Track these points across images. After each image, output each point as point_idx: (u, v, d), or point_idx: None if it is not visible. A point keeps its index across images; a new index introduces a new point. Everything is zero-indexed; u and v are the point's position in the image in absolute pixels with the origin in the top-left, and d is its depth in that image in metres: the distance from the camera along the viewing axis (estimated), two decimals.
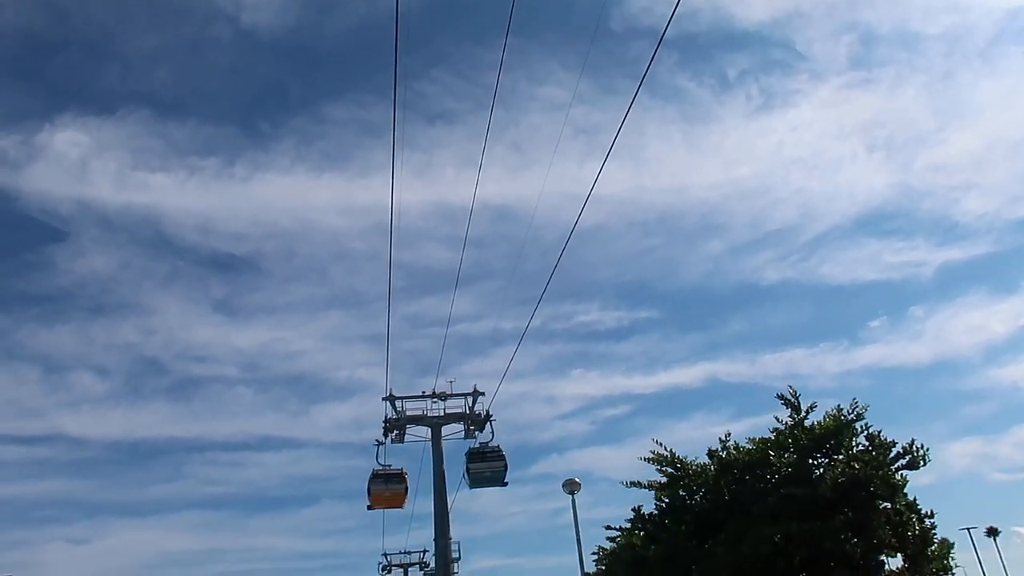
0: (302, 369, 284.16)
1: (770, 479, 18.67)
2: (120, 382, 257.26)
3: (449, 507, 62.65)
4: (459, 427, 68.34)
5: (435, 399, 67.34)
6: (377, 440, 42.50)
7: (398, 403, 65.56)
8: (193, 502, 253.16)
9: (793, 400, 19.93)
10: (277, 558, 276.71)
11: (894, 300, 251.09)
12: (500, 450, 54.11)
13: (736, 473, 19.39)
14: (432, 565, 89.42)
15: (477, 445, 48.62)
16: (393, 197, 15.28)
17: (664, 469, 20.09)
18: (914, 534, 18.94)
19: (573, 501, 27.49)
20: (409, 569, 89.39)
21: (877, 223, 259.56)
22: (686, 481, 19.66)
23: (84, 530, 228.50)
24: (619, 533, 24.64)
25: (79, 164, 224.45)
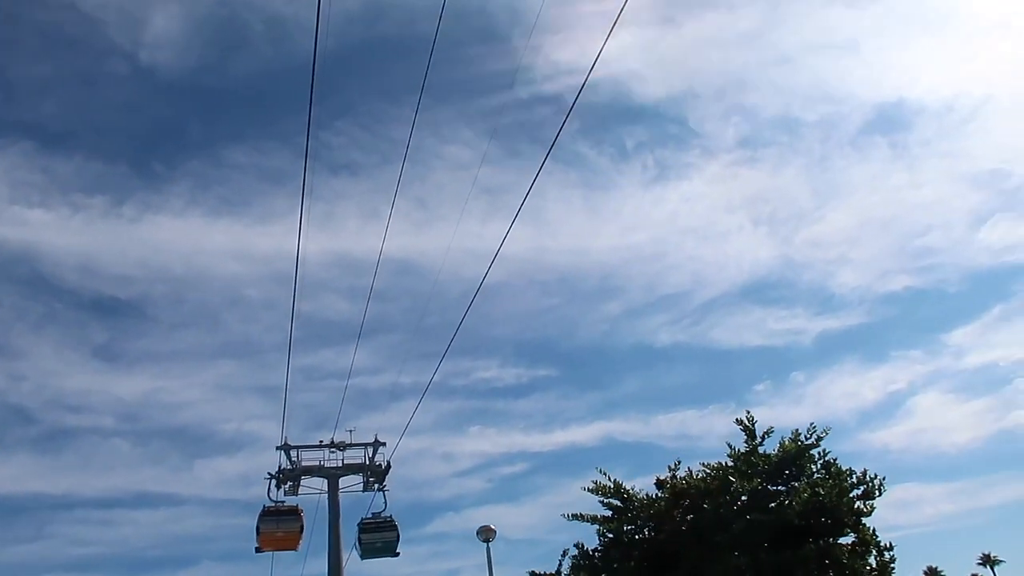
0: (187, 420, 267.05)
1: (732, 506, 16.33)
2: None
3: (343, 564, 57.66)
4: (357, 479, 63.63)
5: (333, 449, 62.33)
6: (269, 473, 36.78)
7: (293, 452, 60.33)
8: (56, 564, 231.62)
9: (749, 426, 17.76)
10: None
11: (777, 365, 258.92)
12: (392, 520, 52.19)
13: (688, 502, 16.99)
14: None
15: (369, 515, 46.49)
16: (300, 241, 14.96)
17: (608, 501, 17.50)
18: (871, 568, 16.86)
19: (488, 549, 24.43)
20: None
21: (762, 291, 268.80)
22: (632, 513, 17.14)
23: None
24: None
25: None
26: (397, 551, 50.71)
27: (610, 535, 17.06)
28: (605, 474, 17.62)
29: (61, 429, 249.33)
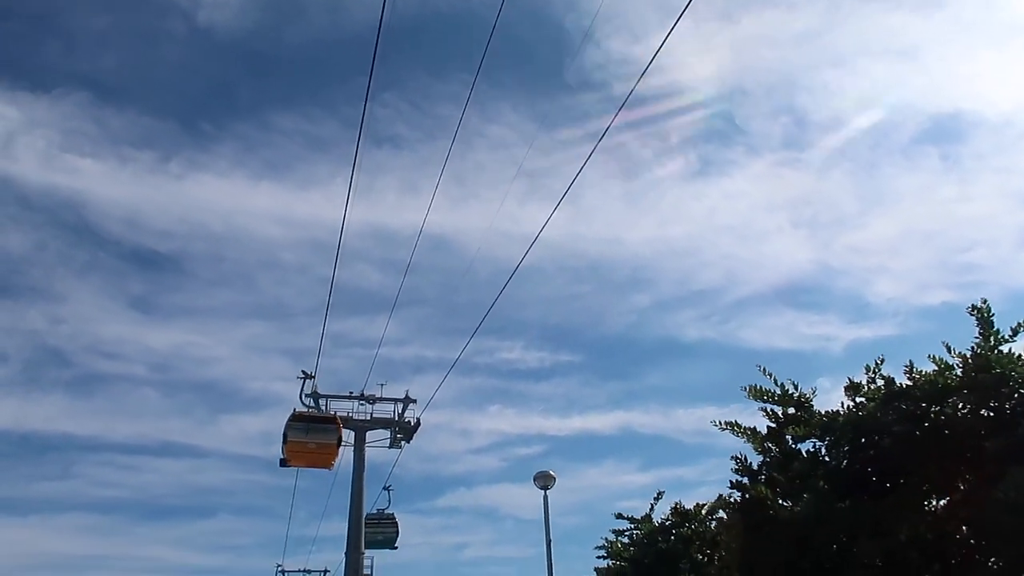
0: (215, 376, 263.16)
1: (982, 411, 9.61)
2: (17, 369, 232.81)
3: (363, 518, 50.91)
4: (385, 434, 56.83)
5: (362, 401, 55.80)
6: (303, 371, 26.61)
7: (322, 401, 53.90)
8: (80, 504, 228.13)
9: (985, 315, 10.89)
10: (165, 569, 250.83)
11: (804, 369, 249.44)
12: (393, 517, 50.56)
13: (910, 405, 10.24)
14: None
15: (374, 511, 45.58)
16: (350, 194, 13.75)
17: (770, 409, 10.85)
18: None
19: (545, 496, 17.54)
20: None
21: (795, 295, 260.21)
22: (811, 425, 10.54)
23: None
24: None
25: (5, 137, 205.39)
26: (396, 545, 49.73)
27: (774, 449, 10.48)
28: (771, 375, 10.77)
29: (94, 374, 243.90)
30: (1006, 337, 9.96)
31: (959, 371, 10.20)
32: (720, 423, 9.77)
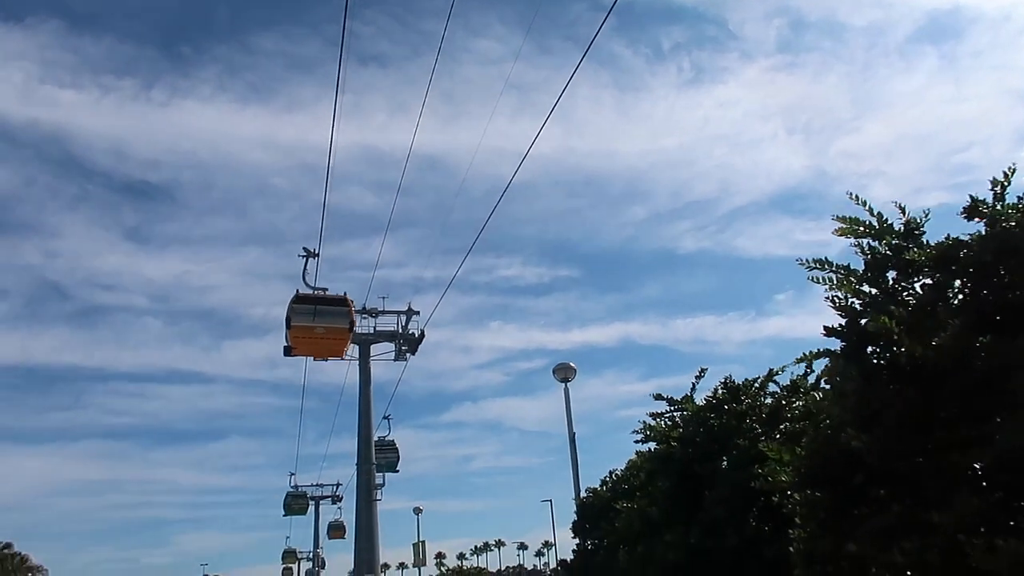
0: (215, 303, 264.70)
1: None
2: (19, 304, 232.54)
3: (373, 434, 49.51)
4: (389, 347, 54.84)
5: (365, 315, 53.73)
6: (305, 249, 21.86)
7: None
8: (93, 431, 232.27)
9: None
10: (181, 491, 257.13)
11: (800, 276, 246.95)
12: (394, 443, 49.81)
13: None
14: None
15: (376, 438, 43.33)
16: (336, 116, 12.69)
17: (866, 244, 8.29)
18: None
19: (566, 390, 15.07)
20: (321, 502, 76.70)
21: (791, 202, 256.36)
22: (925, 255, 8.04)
23: None
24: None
25: None
26: (397, 469, 48.99)
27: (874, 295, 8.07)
28: (864, 203, 7.97)
29: (95, 306, 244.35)
30: None
31: None
32: (807, 262, 6.95)
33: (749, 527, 8.37)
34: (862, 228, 7.39)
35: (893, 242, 7.30)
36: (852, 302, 6.87)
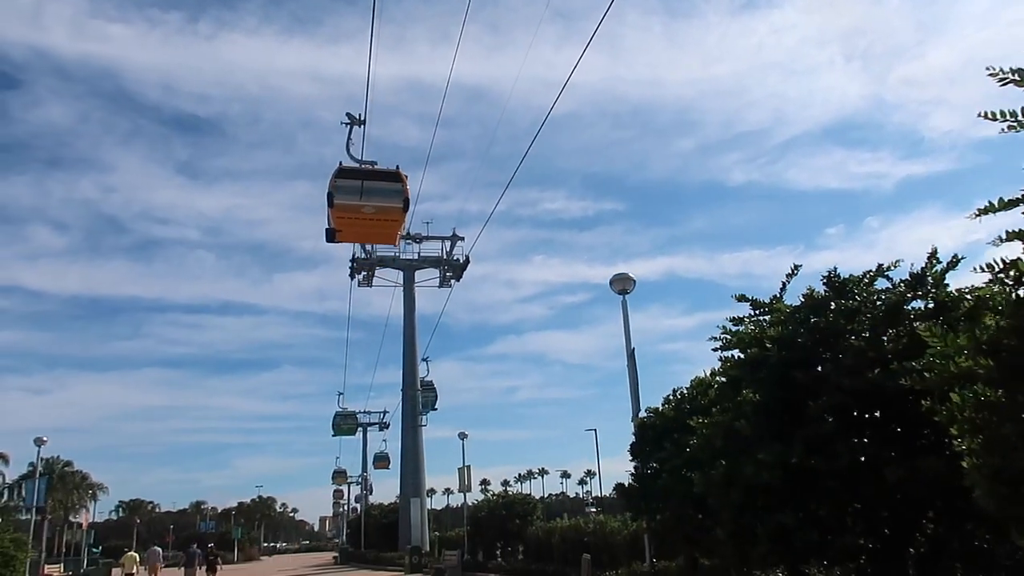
0: (265, 237, 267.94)
1: None
2: (79, 238, 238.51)
3: (418, 358, 48.59)
4: (434, 273, 53.54)
5: (409, 241, 52.18)
6: (349, 116, 18.30)
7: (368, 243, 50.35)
8: (153, 360, 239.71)
9: None
10: (235, 418, 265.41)
11: (853, 209, 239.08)
12: (432, 383, 50.62)
13: None
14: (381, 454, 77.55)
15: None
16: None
17: None
18: None
19: (624, 302, 13.05)
20: (368, 429, 77.53)
21: (845, 132, 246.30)
22: None
23: (43, 381, 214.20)
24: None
25: (32, 7, 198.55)
26: (435, 407, 51.42)
27: None
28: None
29: (151, 239, 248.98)
30: None
31: None
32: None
33: (870, 443, 6.63)
34: None
35: None
36: None
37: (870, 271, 8.55)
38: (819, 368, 7.58)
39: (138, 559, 40.82)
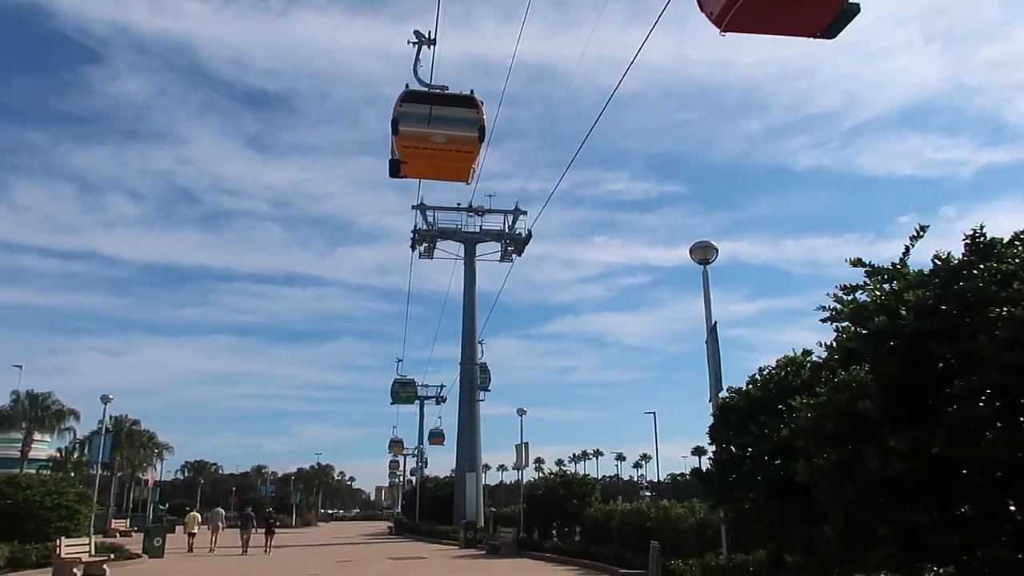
0: (330, 211, 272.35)
1: None
2: (153, 207, 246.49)
3: (477, 332, 47.81)
4: (495, 247, 52.64)
5: (471, 213, 51.30)
6: (417, 34, 16.29)
7: (430, 213, 49.79)
8: (221, 327, 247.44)
9: None
10: (297, 386, 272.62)
11: (927, 197, 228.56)
12: (486, 366, 51.10)
13: None
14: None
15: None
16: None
17: None
18: None
19: (705, 273, 11.72)
20: (425, 402, 77.67)
21: (922, 117, 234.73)
22: None
23: (118, 344, 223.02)
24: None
25: None
26: (489, 388, 52.04)
27: None
28: None
29: (221, 211, 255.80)
30: None
31: None
32: None
33: None
34: None
35: None
36: None
37: (1021, 232, 7.18)
38: (966, 341, 6.30)
39: (199, 519, 41.65)
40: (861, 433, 6.82)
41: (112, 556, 24.50)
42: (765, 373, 12.13)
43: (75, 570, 20.97)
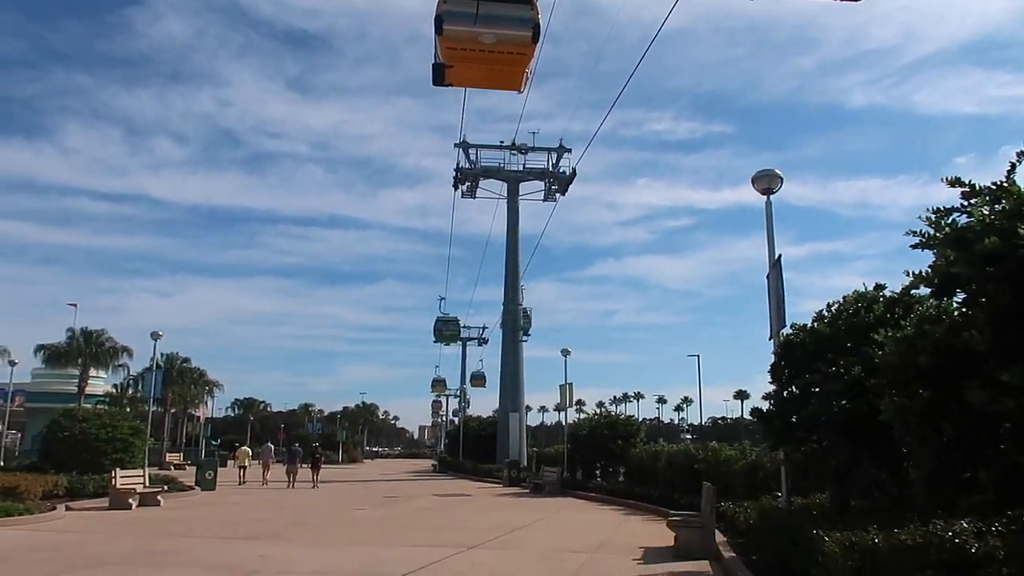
0: (371, 153, 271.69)
1: None
2: (197, 150, 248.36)
3: (521, 272, 47.38)
4: (538, 186, 51.61)
5: (514, 151, 50.12)
6: None
7: (472, 152, 48.86)
8: (266, 269, 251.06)
9: None
10: (341, 327, 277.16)
11: (987, 137, 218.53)
12: (528, 311, 49.99)
13: None
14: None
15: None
16: None
17: None
18: None
19: (768, 203, 10.76)
20: (467, 343, 78.03)
21: (986, 52, 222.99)
22: None
23: (168, 284, 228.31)
24: None
25: None
26: (529, 333, 51.20)
27: None
28: None
29: (263, 153, 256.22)
30: None
31: None
32: None
33: None
34: None
35: None
36: None
37: None
38: None
39: (250, 454, 42.74)
40: (960, 368, 6.15)
41: (166, 487, 25.09)
42: (833, 309, 11.40)
43: (130, 500, 21.46)
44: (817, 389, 10.81)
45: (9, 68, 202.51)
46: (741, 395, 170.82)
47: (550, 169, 47.60)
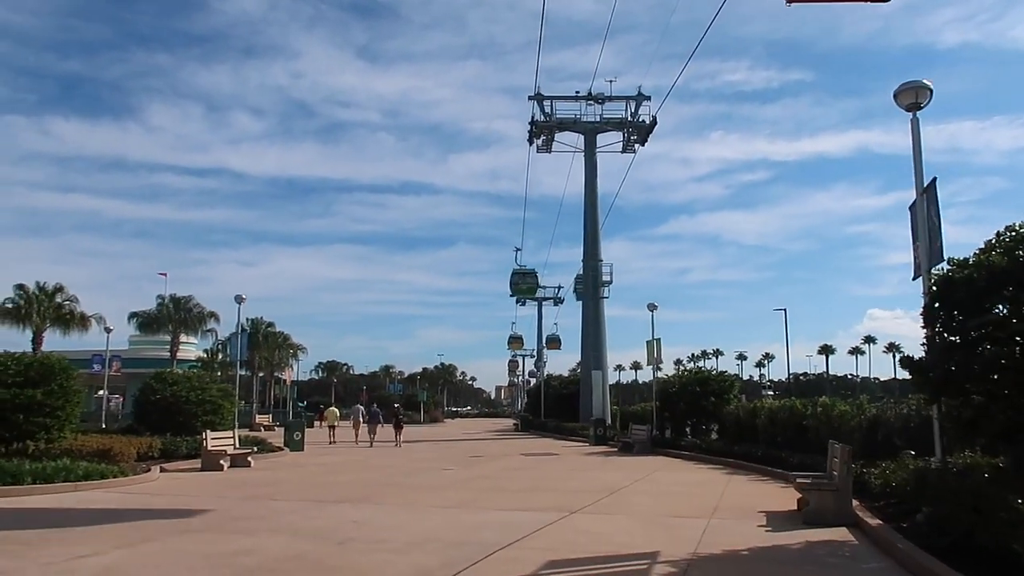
0: (440, 118, 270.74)
1: None
2: (274, 122, 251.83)
3: (600, 227, 45.68)
4: (616, 137, 49.33)
5: (591, 101, 48.08)
6: None
7: (547, 103, 47.09)
8: (343, 237, 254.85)
9: None
10: (417, 291, 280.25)
11: None
12: (610, 267, 47.22)
13: None
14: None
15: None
16: None
17: None
18: None
19: (915, 120, 8.68)
20: (543, 303, 76.89)
21: None
22: None
23: (251, 255, 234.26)
24: None
25: None
26: (607, 293, 48.33)
27: None
28: None
29: (336, 123, 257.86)
30: None
31: None
32: None
33: None
34: None
35: None
36: None
37: None
38: None
39: (338, 414, 43.05)
40: None
41: (256, 449, 24.92)
42: (1007, 235, 9.50)
43: (222, 461, 21.23)
44: (987, 331, 9.05)
45: (96, 51, 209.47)
46: (826, 350, 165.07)
47: (628, 119, 45.38)
